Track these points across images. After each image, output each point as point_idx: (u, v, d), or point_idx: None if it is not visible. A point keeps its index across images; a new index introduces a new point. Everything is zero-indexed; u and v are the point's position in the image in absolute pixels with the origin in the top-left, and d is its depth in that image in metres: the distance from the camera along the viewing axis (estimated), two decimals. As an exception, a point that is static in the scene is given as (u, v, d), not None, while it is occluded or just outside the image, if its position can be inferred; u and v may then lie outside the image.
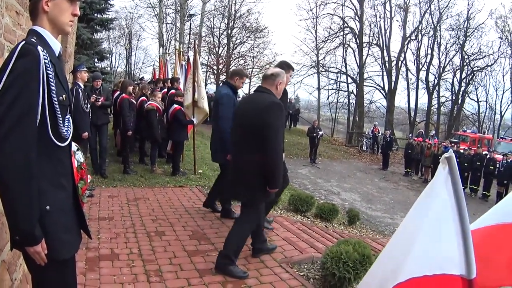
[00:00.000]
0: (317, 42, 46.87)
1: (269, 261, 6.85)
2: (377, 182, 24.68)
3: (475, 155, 25.04)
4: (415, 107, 49.73)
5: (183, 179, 12.65)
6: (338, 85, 49.20)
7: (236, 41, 42.83)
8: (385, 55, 46.07)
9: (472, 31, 47.21)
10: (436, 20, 46.89)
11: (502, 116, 52.92)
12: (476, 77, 50.01)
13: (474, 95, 51.65)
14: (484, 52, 47.51)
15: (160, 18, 40.46)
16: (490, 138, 41.71)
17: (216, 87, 41.86)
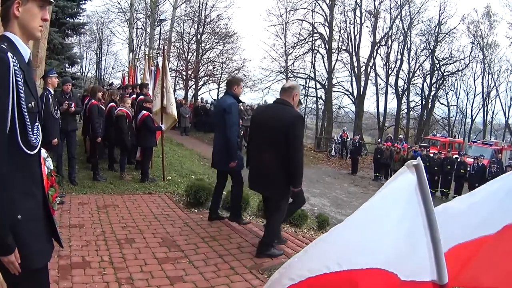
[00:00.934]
0: (286, 47, 46.98)
1: (239, 267, 6.90)
2: (346, 187, 24.63)
3: (445, 159, 25.28)
4: (384, 112, 50.12)
5: (152, 186, 12.62)
6: (307, 91, 48.45)
7: (205, 46, 42.75)
8: (354, 60, 46.11)
9: (443, 36, 47.84)
10: (406, 25, 47.39)
11: (473, 120, 53.81)
12: (446, 82, 50.67)
13: (445, 100, 52.45)
14: (455, 57, 48.26)
15: (130, 23, 40.29)
16: (461, 142, 42.07)
17: (185, 92, 42.35)
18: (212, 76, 43.35)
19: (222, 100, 8.77)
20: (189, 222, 9.29)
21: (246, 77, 44.38)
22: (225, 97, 8.71)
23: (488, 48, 49.31)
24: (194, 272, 6.67)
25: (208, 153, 25.34)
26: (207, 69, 42.87)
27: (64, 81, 11.57)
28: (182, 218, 9.63)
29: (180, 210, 10.37)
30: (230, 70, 43.77)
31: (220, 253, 7.56)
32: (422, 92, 50.28)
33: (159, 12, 40.26)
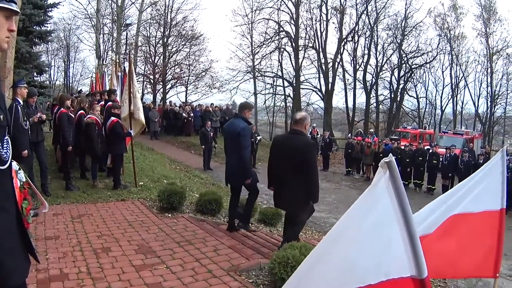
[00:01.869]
0: (252, 47, 46.93)
1: (217, 270, 6.95)
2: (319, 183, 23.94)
3: (416, 151, 25.34)
4: (353, 107, 50.30)
5: (125, 193, 12.60)
6: (275, 89, 49.92)
7: (172, 49, 42.56)
8: (322, 57, 46.80)
9: (410, 30, 48.26)
10: (373, 20, 47.68)
11: (443, 111, 54.19)
12: (414, 75, 51.17)
13: (413, 92, 53.02)
14: (423, 49, 48.80)
15: (97, 28, 39.74)
16: (432, 133, 42.54)
17: (154, 96, 42.10)
18: (179, 79, 43.21)
19: (235, 124, 9.06)
20: (163, 227, 9.32)
21: (213, 78, 44.93)
22: (237, 120, 9.12)
23: (456, 40, 49.95)
24: (172, 277, 6.69)
25: (178, 156, 25.33)
26: (174, 72, 42.84)
27: (30, 94, 11.45)
28: (156, 223, 9.64)
29: (154, 215, 10.38)
30: (197, 72, 43.94)
31: (196, 256, 7.59)
32: (390, 86, 50.66)
33: (125, 17, 39.92)
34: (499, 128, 52.69)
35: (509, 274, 12.62)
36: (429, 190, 23.34)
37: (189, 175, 20.44)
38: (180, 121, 33.37)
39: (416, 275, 2.59)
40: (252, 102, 48.36)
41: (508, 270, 12.86)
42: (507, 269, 12.90)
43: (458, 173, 21.99)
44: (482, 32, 48.76)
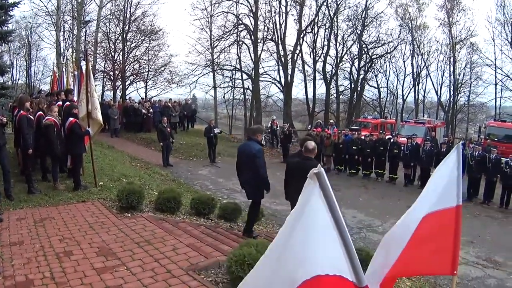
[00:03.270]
0: (211, 40, 46.39)
1: (176, 270, 7.20)
2: (279, 175, 23.23)
3: (377, 141, 25.34)
4: (313, 97, 50.18)
5: (85, 194, 12.64)
6: (234, 82, 49.55)
7: (131, 45, 42.06)
8: (281, 49, 46.61)
9: (371, 20, 48.43)
10: (333, 12, 47.48)
11: (405, 100, 54.78)
12: (375, 65, 51.48)
13: (374, 82, 53.33)
14: (383, 40, 48.98)
15: (57, 26, 39.10)
16: (393, 122, 42.65)
17: (114, 93, 41.50)
18: (138, 74, 42.83)
19: (250, 146, 10.33)
20: (123, 228, 9.49)
21: (172, 73, 44.43)
22: (251, 143, 10.42)
23: (417, 30, 50.49)
24: (133, 279, 6.90)
25: (138, 153, 25.23)
26: (133, 68, 42.37)
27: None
28: (116, 224, 9.81)
29: (113, 216, 10.52)
30: (156, 67, 43.60)
31: (156, 257, 7.80)
32: (350, 76, 50.78)
33: (86, 13, 39.42)
34: (463, 116, 53.19)
35: (476, 262, 13.22)
36: (391, 180, 23.61)
37: (149, 172, 20.40)
38: (139, 117, 32.87)
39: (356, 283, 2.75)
40: (212, 95, 48.59)
41: (475, 258, 13.50)
42: (475, 257, 13.58)
43: (419, 162, 22.35)
44: (445, 22, 49.27)
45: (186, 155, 27.35)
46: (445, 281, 11.58)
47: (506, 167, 20.32)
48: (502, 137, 31.64)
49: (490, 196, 21.08)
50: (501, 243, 15.23)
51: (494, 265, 13.15)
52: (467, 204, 20.04)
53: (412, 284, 10.30)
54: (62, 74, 21.72)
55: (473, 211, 19.38)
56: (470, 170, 21.31)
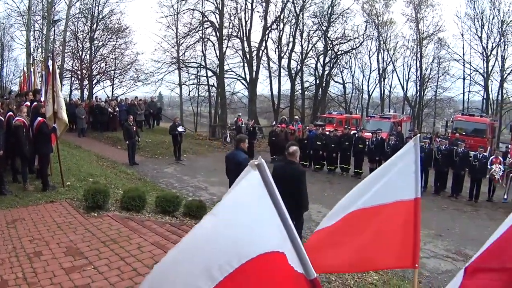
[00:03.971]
0: (177, 38, 46.23)
1: (141, 268, 7.49)
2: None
3: (342, 136, 25.39)
4: (278, 94, 50.53)
5: (54, 194, 12.75)
6: (199, 79, 49.16)
7: (98, 43, 41.83)
8: (246, 46, 46.63)
9: (337, 17, 48.59)
10: (299, 8, 47.64)
11: (370, 95, 55.36)
12: (340, 61, 51.72)
13: (340, 78, 53.62)
14: (349, 36, 49.36)
15: (28, 26, 38.78)
16: (358, 117, 43.07)
17: (81, 92, 41.34)
18: (105, 73, 42.67)
19: (237, 155, 11.17)
20: (89, 227, 9.71)
21: (138, 71, 44.45)
22: (238, 152, 11.17)
23: (384, 25, 51.08)
24: (100, 278, 7.14)
25: (105, 152, 25.10)
26: (99, 66, 42.20)
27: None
28: (83, 224, 10.01)
29: (80, 215, 10.70)
30: (122, 65, 43.53)
31: (121, 255, 8.04)
32: (316, 72, 50.91)
33: (55, 12, 39.23)
34: (430, 111, 53.81)
35: (446, 255, 13.42)
36: (356, 174, 23.86)
37: (115, 171, 20.45)
38: (106, 116, 32.52)
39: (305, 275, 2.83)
40: (177, 93, 48.49)
41: (445, 251, 13.71)
42: (444, 250, 13.80)
43: (384, 156, 22.16)
44: (413, 18, 49.85)
45: (152, 153, 27.34)
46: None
47: (474, 161, 20.71)
48: (470, 131, 31.87)
49: (459, 190, 21.41)
50: (470, 236, 15.45)
51: (464, 258, 13.17)
52: (435, 198, 20.69)
53: (380, 278, 10.44)
54: (30, 74, 21.80)
55: (441, 205, 19.75)
56: (437, 164, 21.66)
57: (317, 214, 15.80)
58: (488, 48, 47.50)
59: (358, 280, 9.72)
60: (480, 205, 20.15)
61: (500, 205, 20.35)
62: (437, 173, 22.01)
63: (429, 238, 14.75)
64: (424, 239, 14.35)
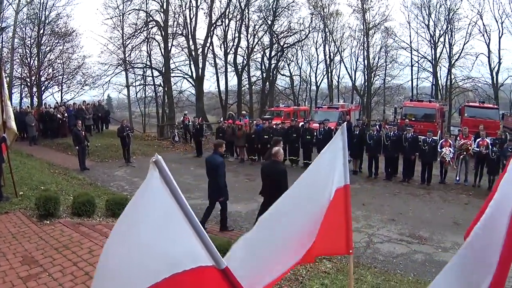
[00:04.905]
0: (123, 39, 46.19)
1: (93, 271, 7.34)
2: (193, 170, 24.59)
3: (289, 128, 25.77)
4: (226, 90, 50.98)
5: (7, 205, 12.79)
6: (145, 80, 49.44)
7: (46, 49, 41.45)
8: (191, 44, 47.01)
9: (282, 10, 49.20)
10: (244, 3, 48.26)
11: (318, 87, 55.92)
12: (286, 54, 52.37)
13: (287, 71, 54.22)
14: (295, 29, 50.12)
15: None
16: (306, 109, 43.45)
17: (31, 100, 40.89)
18: (53, 79, 42.28)
19: (215, 158, 13.17)
20: (43, 235, 10.00)
21: (85, 75, 44.36)
22: (215, 156, 13.15)
23: (330, 17, 51.70)
24: (55, 284, 7.45)
25: (56, 159, 25.00)
26: (47, 72, 41.84)
27: None
28: (36, 232, 10.31)
29: (34, 224, 10.97)
30: (70, 70, 43.34)
31: (74, 260, 8.36)
32: (262, 66, 51.55)
33: (3, 19, 38.64)
34: (379, 99, 54.79)
35: (400, 239, 13.80)
36: (306, 166, 22.89)
37: (67, 177, 20.47)
38: (55, 122, 31.84)
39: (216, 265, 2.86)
40: (125, 95, 48.68)
41: (398, 235, 14.11)
42: (398, 234, 14.20)
43: None
44: (359, 8, 50.62)
45: (102, 157, 27.29)
46: (368, 260, 12.10)
47: (424, 145, 21.33)
48: (419, 117, 32.43)
49: (410, 174, 22.08)
50: (424, 218, 15.89)
51: (419, 241, 13.66)
52: (386, 183, 21.25)
53: (333, 266, 10.64)
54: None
55: (393, 190, 20.28)
56: (386, 150, 22.15)
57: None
58: (436, 35, 48.78)
59: (310, 269, 9.94)
60: (432, 188, 20.72)
61: (453, 186, 21.01)
62: (387, 159, 22.48)
63: (382, 223, 15.22)
64: (378, 224, 15.10)
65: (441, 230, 14.26)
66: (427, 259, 12.10)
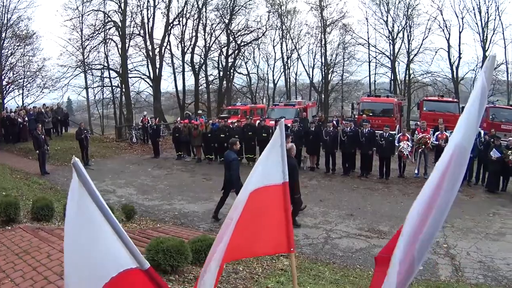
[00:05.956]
0: (82, 40, 46.02)
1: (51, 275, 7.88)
2: (151, 171, 25.27)
3: (245, 126, 26.41)
4: (183, 89, 51.91)
5: None
6: (103, 81, 49.45)
7: (7, 52, 41.26)
8: (149, 44, 47.38)
9: (239, 8, 49.74)
10: (201, 2, 48.94)
11: (276, 84, 56.74)
12: (243, 52, 53.11)
13: (244, 69, 54.95)
14: (252, 27, 50.69)
15: None
16: (263, 106, 44.19)
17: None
18: (13, 82, 42.19)
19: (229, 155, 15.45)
20: (4, 241, 10.07)
21: (45, 77, 44.13)
22: (230, 152, 15.51)
23: (287, 15, 52.58)
24: None
25: (18, 164, 25.17)
26: (7, 76, 41.63)
27: None
28: None
29: None
30: (30, 73, 43.17)
31: (33, 265, 8.37)
32: (219, 65, 51.94)
33: None
34: (337, 95, 55.70)
35: (358, 233, 14.36)
36: None
37: (28, 182, 20.59)
38: (16, 127, 32.02)
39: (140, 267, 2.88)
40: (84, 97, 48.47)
41: (357, 230, 14.67)
42: (356, 229, 14.76)
43: None
44: (317, 6, 51.19)
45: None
46: (327, 256, 12.48)
47: (381, 140, 22.11)
48: (378, 112, 33.18)
49: (368, 169, 23.14)
50: (383, 212, 16.50)
51: (379, 235, 14.16)
52: (344, 179, 22.02)
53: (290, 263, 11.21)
54: None
55: (351, 185, 21.07)
56: (343, 145, 22.96)
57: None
58: (395, 31, 49.84)
59: (267, 267, 10.13)
60: (391, 182, 21.56)
61: (412, 180, 21.97)
62: (344, 155, 23.30)
63: (340, 219, 15.82)
64: (336, 220, 15.72)
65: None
66: (387, 252, 12.33)
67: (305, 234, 14.45)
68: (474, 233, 14.55)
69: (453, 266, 11.96)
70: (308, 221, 15.75)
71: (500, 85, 48.53)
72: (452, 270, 11.72)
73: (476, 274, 11.48)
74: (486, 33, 46.82)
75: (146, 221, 15.38)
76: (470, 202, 18.47)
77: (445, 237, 13.95)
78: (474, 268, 11.87)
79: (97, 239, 2.82)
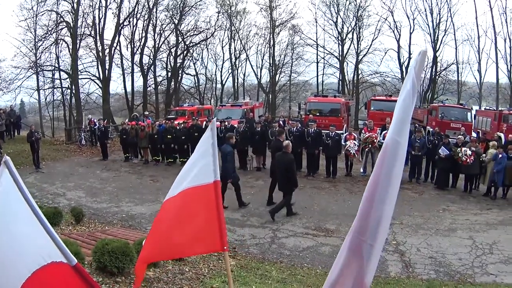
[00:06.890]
0: (35, 41, 44.59)
1: None
2: (99, 173, 25.03)
3: (191, 127, 26.35)
4: (132, 91, 51.66)
5: None
6: (54, 83, 47.73)
7: None
8: (99, 44, 46.85)
9: (189, 9, 49.97)
10: (152, 3, 49.06)
11: (224, 85, 57.35)
12: (192, 53, 53.16)
13: (192, 70, 55.04)
14: (201, 27, 51.17)
15: None
16: (210, 107, 43.89)
17: None
18: None
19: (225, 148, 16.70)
20: None
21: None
22: (226, 145, 16.98)
23: (237, 15, 53.13)
24: None
25: None
26: None
27: None
28: None
29: None
30: None
31: None
32: (167, 66, 52.04)
33: None
34: (285, 95, 56.54)
35: (305, 232, 14.47)
36: None
37: None
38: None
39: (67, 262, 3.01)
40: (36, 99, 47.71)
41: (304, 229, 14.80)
42: (303, 228, 14.90)
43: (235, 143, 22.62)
44: (266, 6, 52.00)
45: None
46: (274, 255, 12.58)
47: (327, 139, 22.18)
48: (325, 112, 33.22)
49: (315, 168, 23.11)
50: (331, 211, 16.72)
51: (326, 233, 14.28)
52: None
53: (237, 263, 11.06)
54: None
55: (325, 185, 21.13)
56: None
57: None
58: (344, 32, 50.90)
59: (213, 267, 10.20)
60: (339, 181, 21.78)
61: (360, 178, 22.19)
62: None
63: (287, 218, 15.86)
64: (282, 220, 15.74)
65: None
66: (334, 250, 12.02)
67: (251, 234, 14.60)
68: (424, 230, 14.93)
69: (403, 263, 12.22)
70: (254, 221, 15.99)
71: (451, 84, 50.55)
72: (402, 267, 11.98)
73: (428, 270, 11.80)
74: (437, 34, 48.48)
75: (95, 223, 15.36)
76: (419, 199, 18.97)
77: (394, 234, 14.22)
78: (425, 264, 12.17)
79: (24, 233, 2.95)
